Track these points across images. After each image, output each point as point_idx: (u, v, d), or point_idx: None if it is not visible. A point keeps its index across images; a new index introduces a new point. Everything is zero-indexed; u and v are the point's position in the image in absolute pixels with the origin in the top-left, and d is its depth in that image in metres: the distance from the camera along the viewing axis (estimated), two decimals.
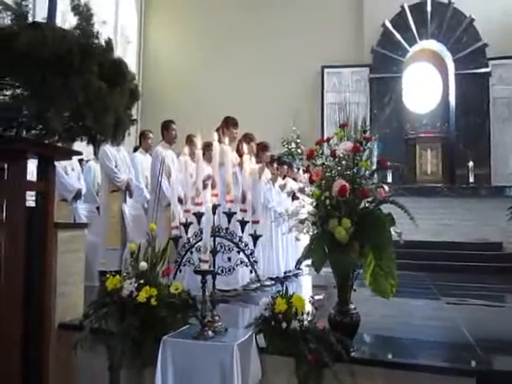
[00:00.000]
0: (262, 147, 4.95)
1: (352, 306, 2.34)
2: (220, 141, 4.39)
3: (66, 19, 3.04)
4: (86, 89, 2.21)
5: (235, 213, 2.23)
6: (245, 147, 2.59)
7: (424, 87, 9.16)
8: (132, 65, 10.08)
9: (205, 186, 2.86)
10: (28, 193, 2.46)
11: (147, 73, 10.46)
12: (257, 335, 2.30)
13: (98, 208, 4.84)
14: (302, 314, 2.26)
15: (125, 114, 2.64)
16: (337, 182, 2.09)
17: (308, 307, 2.31)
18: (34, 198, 2.54)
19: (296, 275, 5.82)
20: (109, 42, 2.33)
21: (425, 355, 2.41)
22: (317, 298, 2.43)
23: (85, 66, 2.19)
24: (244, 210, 2.23)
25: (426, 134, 8.94)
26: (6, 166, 2.36)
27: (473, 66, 8.64)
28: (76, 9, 2.29)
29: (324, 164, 2.20)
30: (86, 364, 2.63)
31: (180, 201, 2.80)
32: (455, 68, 8.81)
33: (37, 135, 2.44)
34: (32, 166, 2.52)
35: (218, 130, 4.54)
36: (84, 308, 2.81)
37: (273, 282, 4.88)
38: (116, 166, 4.66)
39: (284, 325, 2.23)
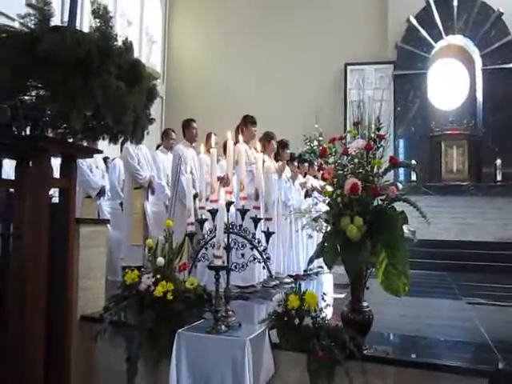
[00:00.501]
0: (282, 145, 4.97)
1: (365, 304, 2.34)
2: (237, 140, 4.48)
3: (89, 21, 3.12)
4: (104, 89, 2.28)
5: (248, 210, 2.27)
6: (258, 145, 2.61)
7: (450, 83, 8.95)
8: (157, 64, 10.25)
9: (224, 184, 2.92)
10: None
11: (171, 72, 10.61)
12: (270, 331, 2.34)
13: (121, 204, 4.97)
14: (315, 311, 2.29)
15: (143, 112, 2.70)
16: (349, 180, 2.10)
17: (321, 304, 2.34)
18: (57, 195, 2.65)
19: (317, 273, 5.82)
20: (127, 44, 2.39)
21: (438, 354, 2.39)
22: (337, 296, 2.43)
23: (104, 67, 2.25)
24: (257, 208, 2.26)
25: (452, 131, 8.76)
26: (30, 163, 2.47)
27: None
28: (96, 12, 2.35)
29: (336, 162, 2.21)
30: (105, 355, 2.73)
31: (196, 197, 2.86)
32: (482, 63, 8.60)
33: (61, 134, 2.54)
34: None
35: (237, 129, 4.61)
36: (105, 301, 2.90)
37: (292, 279, 4.90)
38: (138, 164, 4.77)
39: (296, 321, 2.26)
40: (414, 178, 8.77)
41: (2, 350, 2.35)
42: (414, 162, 2.40)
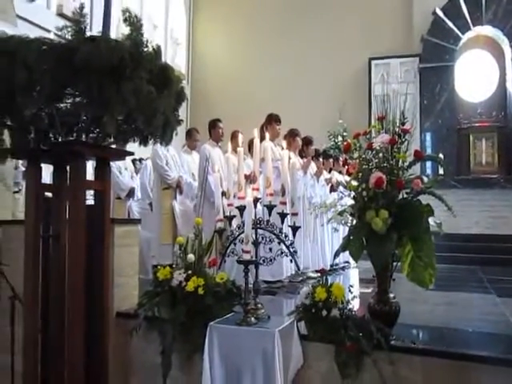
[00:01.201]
0: (307, 142, 5.03)
1: (391, 296, 2.39)
2: (263, 137, 4.56)
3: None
4: (136, 94, 2.38)
5: (275, 205, 2.34)
6: (283, 143, 2.68)
7: (478, 75, 8.76)
8: (181, 66, 10.44)
9: (251, 182, 3.00)
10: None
11: (195, 73, 10.78)
12: (298, 322, 2.41)
13: (150, 204, 5.13)
14: (342, 303, 2.34)
15: (172, 115, 2.81)
16: (373, 175, 2.15)
17: (348, 296, 2.40)
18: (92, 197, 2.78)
19: (343, 268, 5.83)
20: (157, 50, 2.50)
21: (466, 345, 2.41)
22: (364, 291, 2.48)
23: (135, 73, 2.36)
24: (283, 203, 2.33)
25: (481, 123, 8.59)
26: (68, 167, 2.60)
27: None
28: (127, 20, 2.47)
29: (361, 157, 2.25)
30: (140, 349, 2.84)
31: (224, 195, 2.94)
32: None
33: (94, 138, 2.68)
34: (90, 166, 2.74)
35: (262, 127, 4.69)
36: (138, 298, 3.02)
37: (319, 274, 4.94)
38: (167, 165, 4.91)
39: (324, 312, 2.31)
40: (441, 171, 8.67)
41: (44, 351, 2.48)
42: (440, 155, 2.41)
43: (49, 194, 2.71)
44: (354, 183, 2.22)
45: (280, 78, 9.70)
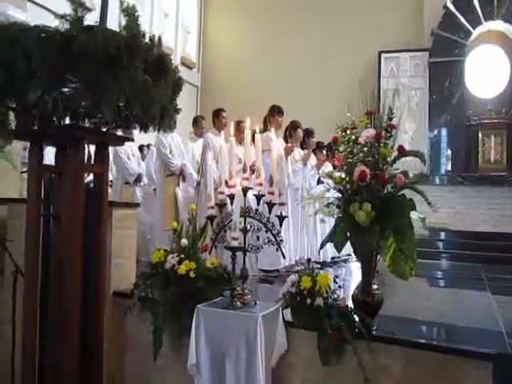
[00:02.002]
0: (308, 133, 5.07)
1: (375, 287, 2.45)
2: (266, 129, 4.62)
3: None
4: (132, 83, 2.46)
5: (264, 195, 2.41)
6: (272, 133, 2.73)
7: (489, 71, 8.63)
8: (192, 54, 10.49)
9: (253, 172, 3.06)
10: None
11: (206, 61, 10.83)
12: (284, 310, 2.49)
13: (154, 190, 5.23)
14: (326, 292, 2.41)
15: (170, 103, 2.89)
16: (357, 168, 2.20)
17: (333, 286, 2.46)
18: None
19: (345, 261, 5.88)
20: (153, 40, 2.56)
21: (446, 338, 2.47)
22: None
23: (132, 63, 2.43)
24: (271, 193, 2.39)
25: (490, 119, 8.48)
26: (68, 151, 2.70)
27: None
28: (125, 11, 2.53)
29: (346, 150, 2.30)
30: (135, 327, 2.97)
31: (226, 183, 3.00)
32: None
33: (96, 123, 2.77)
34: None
35: (265, 119, 4.74)
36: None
37: (318, 265, 5.01)
38: (171, 153, 5.01)
39: (308, 301, 2.39)
40: (448, 167, 8.64)
41: (43, 322, 2.59)
42: (422, 151, 2.45)
43: None
44: (339, 176, 2.27)
45: (289, 69, 9.70)
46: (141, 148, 6.21)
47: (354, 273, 5.25)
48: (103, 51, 2.31)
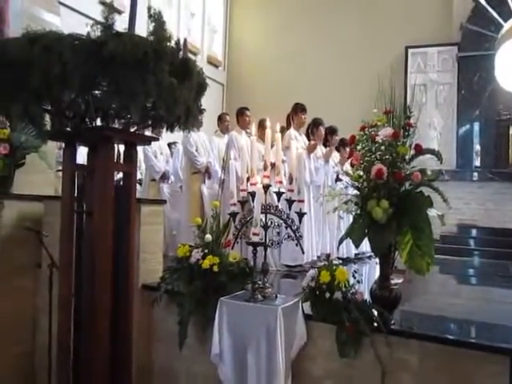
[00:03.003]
0: (331, 131, 5.11)
1: (393, 282, 2.50)
2: (289, 126, 4.69)
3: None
4: (159, 85, 2.59)
5: (283, 192, 2.49)
6: (293, 132, 2.80)
7: None
8: (218, 52, 10.62)
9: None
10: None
11: (231, 60, 10.94)
12: (303, 303, 2.57)
13: (181, 187, 5.39)
14: (345, 286, 2.48)
15: (194, 104, 3.01)
16: (375, 166, 2.26)
17: (352, 280, 2.53)
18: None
19: (370, 257, 5.89)
20: (178, 44, 2.68)
21: (467, 333, 2.50)
22: (395, 281, 2.57)
23: (158, 66, 2.56)
24: (291, 190, 2.48)
25: None
26: (98, 151, 2.85)
27: None
28: (152, 16, 2.66)
29: (363, 149, 2.36)
30: (162, 319, 3.10)
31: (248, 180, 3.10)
32: None
33: (125, 124, 2.91)
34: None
35: (288, 117, 4.82)
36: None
37: (340, 261, 5.05)
38: (197, 151, 5.15)
39: (327, 295, 2.46)
40: (477, 163, 8.47)
41: (77, 313, 2.76)
42: (436, 149, 2.48)
43: None
44: (357, 174, 2.33)
45: (315, 67, 9.70)
46: (169, 146, 6.38)
47: (378, 269, 5.28)
48: (131, 56, 2.44)
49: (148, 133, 3.22)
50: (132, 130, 2.99)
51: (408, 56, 8.93)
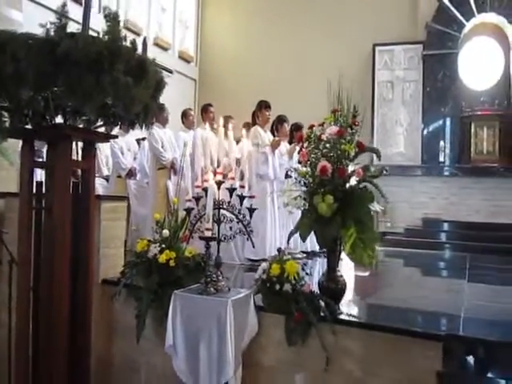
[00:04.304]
0: (296, 128, 5.22)
1: (339, 274, 2.63)
2: (255, 123, 4.79)
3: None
4: (114, 84, 2.64)
5: (235, 188, 2.58)
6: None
7: (483, 63, 8.66)
8: (190, 48, 10.60)
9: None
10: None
11: (203, 55, 10.94)
12: (255, 295, 2.68)
13: (148, 183, 5.42)
14: (295, 279, 2.60)
15: (153, 102, 3.07)
16: (320, 163, 2.37)
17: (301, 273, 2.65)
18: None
19: None
20: (134, 43, 2.73)
21: (406, 321, 2.65)
22: (362, 274, 2.69)
23: (113, 66, 2.61)
24: (242, 187, 2.57)
25: (483, 111, 8.54)
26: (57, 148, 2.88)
27: None
28: (107, 16, 2.70)
29: (310, 146, 2.47)
30: (122, 313, 3.17)
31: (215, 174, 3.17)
32: None
33: (86, 121, 2.96)
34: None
35: (253, 114, 4.91)
36: None
37: (304, 255, 5.18)
38: (162, 147, 5.19)
39: (277, 287, 2.57)
40: (441, 159, 8.74)
41: (35, 307, 2.81)
42: (375, 146, 2.60)
43: None
44: (304, 171, 2.44)
45: (285, 63, 9.79)
46: (138, 142, 6.38)
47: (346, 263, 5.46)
48: (85, 56, 2.49)
49: (116, 130, 3.28)
50: (93, 127, 3.04)
51: (375, 53, 9.11)
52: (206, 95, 9.71)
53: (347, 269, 3.90)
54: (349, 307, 2.73)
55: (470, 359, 2.27)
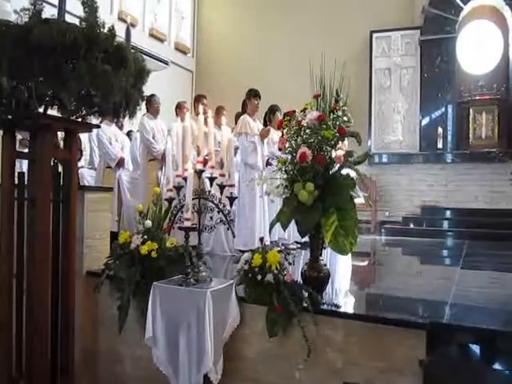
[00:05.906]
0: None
1: (322, 263, 2.58)
2: (245, 112, 4.72)
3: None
4: (91, 72, 2.58)
5: (216, 177, 2.53)
6: (223, 119, 2.84)
7: (481, 47, 8.50)
8: (186, 39, 10.49)
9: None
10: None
11: (200, 46, 10.83)
12: (237, 286, 2.64)
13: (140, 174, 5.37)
14: (276, 269, 2.55)
15: (135, 91, 3.00)
16: (299, 150, 2.31)
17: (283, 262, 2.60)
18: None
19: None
20: (112, 30, 2.66)
21: (391, 309, 2.61)
22: (360, 264, 2.64)
23: (90, 53, 2.55)
24: (222, 175, 2.52)
25: (482, 96, 8.39)
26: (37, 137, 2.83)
27: None
28: (85, 3, 2.64)
29: (289, 133, 2.41)
30: (106, 304, 3.14)
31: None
32: None
33: (71, 111, 2.90)
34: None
35: (243, 102, 4.84)
36: None
37: (298, 245, 5.14)
38: (154, 138, 5.14)
39: (259, 277, 2.53)
40: (439, 145, 8.63)
41: (18, 294, 2.79)
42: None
43: None
44: (283, 158, 2.38)
45: (282, 52, 9.67)
46: (129, 134, 6.33)
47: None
48: (60, 43, 2.43)
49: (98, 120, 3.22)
50: (76, 117, 2.99)
51: (373, 40, 8.96)
52: (203, 87, 9.63)
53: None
54: (335, 296, 2.69)
55: (454, 347, 2.23)
